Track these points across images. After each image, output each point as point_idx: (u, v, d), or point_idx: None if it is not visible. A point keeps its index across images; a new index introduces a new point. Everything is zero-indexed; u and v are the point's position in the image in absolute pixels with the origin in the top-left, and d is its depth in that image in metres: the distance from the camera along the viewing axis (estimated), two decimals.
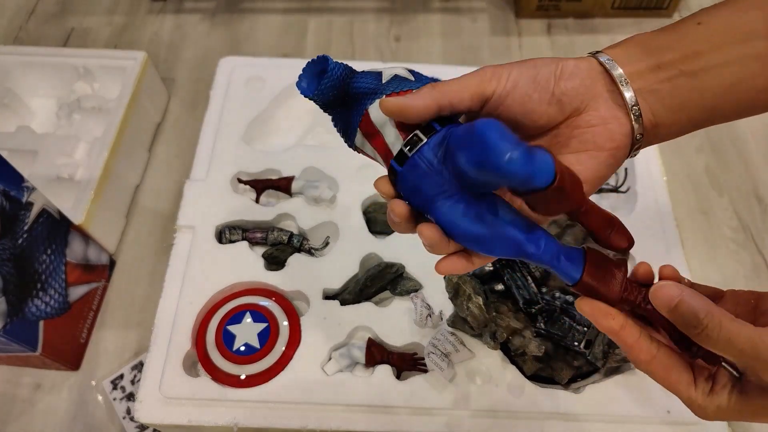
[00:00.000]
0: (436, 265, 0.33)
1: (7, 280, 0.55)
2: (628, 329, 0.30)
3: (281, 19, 1.02)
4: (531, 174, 0.24)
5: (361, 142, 0.33)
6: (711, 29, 0.31)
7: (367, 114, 0.32)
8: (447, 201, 0.30)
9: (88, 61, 0.81)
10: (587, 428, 0.54)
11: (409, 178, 0.31)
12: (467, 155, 0.26)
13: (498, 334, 0.54)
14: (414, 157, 0.30)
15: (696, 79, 0.31)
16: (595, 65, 0.32)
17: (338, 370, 0.58)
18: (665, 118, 0.32)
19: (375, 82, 0.32)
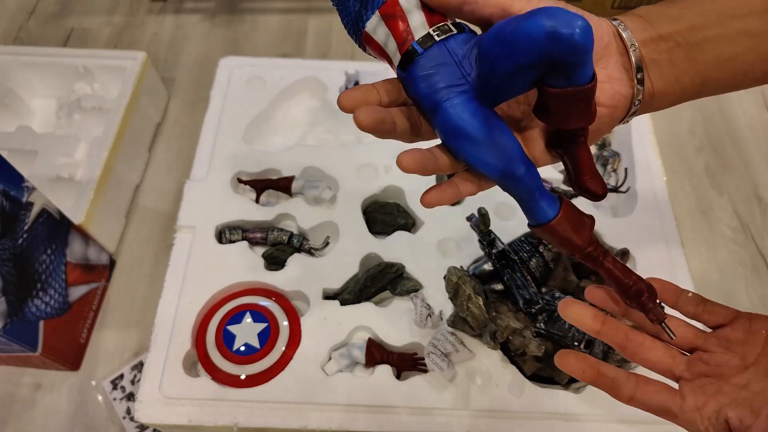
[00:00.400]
0: (422, 196, 0.32)
1: (7, 280, 0.55)
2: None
3: (281, 19, 1.02)
4: (585, 45, 0.25)
5: (376, 25, 0.32)
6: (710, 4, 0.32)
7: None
8: (460, 96, 0.30)
9: (88, 61, 0.81)
10: (587, 428, 0.54)
11: (427, 64, 0.30)
12: (528, 24, 0.26)
13: (498, 334, 0.54)
14: (441, 43, 0.30)
15: (692, 51, 0.32)
16: (612, 28, 0.32)
17: (338, 370, 0.58)
18: (661, 87, 0.33)
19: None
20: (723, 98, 0.92)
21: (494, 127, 0.30)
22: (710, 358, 0.32)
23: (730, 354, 0.32)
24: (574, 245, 0.31)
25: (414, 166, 0.30)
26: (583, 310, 0.35)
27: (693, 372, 0.32)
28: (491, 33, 0.28)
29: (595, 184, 0.32)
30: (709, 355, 0.32)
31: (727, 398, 0.30)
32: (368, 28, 0.32)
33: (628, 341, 0.34)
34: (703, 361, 0.32)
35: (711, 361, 0.32)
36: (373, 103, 0.32)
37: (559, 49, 0.25)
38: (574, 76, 0.27)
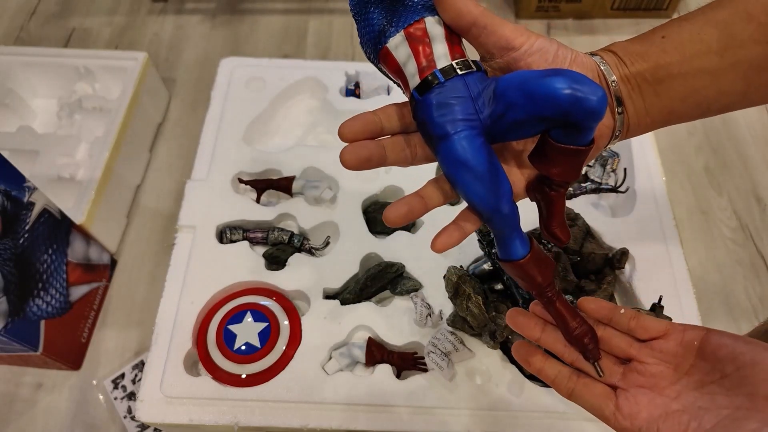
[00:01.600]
0: (432, 243, 0.34)
1: (9, 280, 0.55)
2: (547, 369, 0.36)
3: (281, 19, 1.03)
4: (601, 113, 0.28)
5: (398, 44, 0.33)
6: (673, 43, 0.34)
7: (423, 21, 0.32)
8: (470, 130, 0.31)
9: (89, 62, 0.81)
10: (587, 427, 0.55)
11: (445, 94, 0.31)
12: (552, 83, 0.28)
13: (497, 333, 0.54)
14: (462, 76, 0.31)
15: (659, 86, 0.34)
16: (595, 65, 0.35)
17: (338, 370, 0.58)
18: (634, 118, 0.35)
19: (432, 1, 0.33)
20: None
21: (494, 165, 0.32)
22: (645, 368, 0.33)
23: (664, 365, 0.33)
24: (536, 283, 0.35)
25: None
26: (527, 319, 0.37)
27: (628, 382, 0.33)
28: (514, 80, 0.30)
29: (562, 233, 0.35)
30: (644, 366, 0.33)
31: (659, 410, 0.31)
32: (390, 44, 0.33)
33: (565, 349, 0.36)
34: (638, 372, 0.33)
35: (645, 371, 0.33)
36: (374, 132, 0.34)
37: (578, 112, 0.28)
38: (580, 137, 0.30)
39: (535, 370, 0.36)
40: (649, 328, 0.34)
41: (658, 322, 0.34)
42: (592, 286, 0.59)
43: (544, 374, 0.36)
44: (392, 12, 0.33)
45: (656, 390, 0.32)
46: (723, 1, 0.35)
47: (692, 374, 0.32)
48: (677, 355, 0.32)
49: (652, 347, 0.34)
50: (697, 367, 0.32)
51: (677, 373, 0.32)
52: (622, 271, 0.63)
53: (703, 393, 0.31)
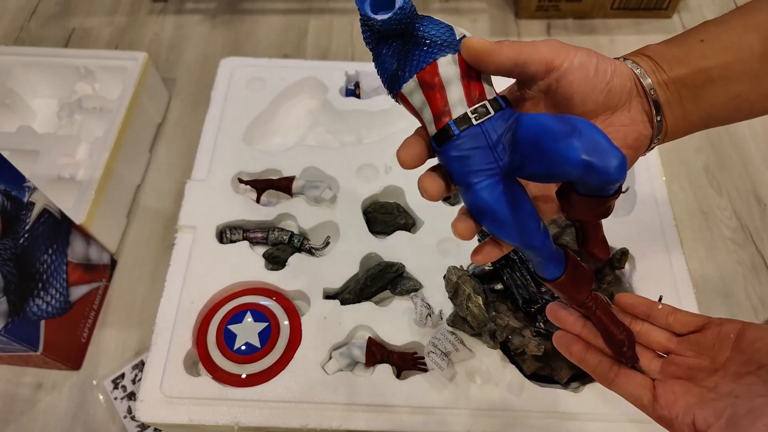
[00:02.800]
0: (472, 255, 0.35)
1: (9, 280, 0.55)
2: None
3: (281, 19, 1.03)
4: (619, 181, 0.28)
5: (412, 89, 0.31)
6: (713, 48, 0.34)
7: (435, 64, 0.30)
8: (489, 179, 0.30)
9: (89, 62, 0.81)
10: (587, 427, 0.55)
11: (461, 146, 0.30)
12: (567, 148, 0.27)
13: (497, 333, 0.54)
14: (478, 126, 0.30)
15: (699, 91, 0.34)
16: (630, 71, 0.34)
17: (338, 370, 0.58)
18: (672, 125, 0.35)
19: (448, 35, 0.30)
20: None
21: (517, 208, 0.31)
22: (682, 361, 0.34)
23: (701, 357, 0.34)
24: (575, 299, 0.35)
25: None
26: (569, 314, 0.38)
27: (666, 374, 0.35)
28: (530, 132, 0.29)
29: (600, 251, 0.35)
30: (682, 359, 0.34)
31: (695, 399, 0.32)
32: (404, 90, 0.31)
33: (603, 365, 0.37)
34: (675, 364, 0.34)
35: (683, 363, 0.34)
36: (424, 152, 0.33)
37: (594, 178, 0.28)
38: (602, 192, 0.29)
39: (576, 360, 0.37)
40: (687, 323, 0.35)
41: (696, 316, 0.35)
42: None
43: (585, 364, 0.36)
44: (404, 53, 0.31)
45: (693, 381, 0.33)
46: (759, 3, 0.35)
47: (729, 366, 0.32)
48: (714, 348, 0.33)
49: (689, 340, 0.34)
50: (733, 360, 0.32)
51: (714, 365, 0.33)
52: (622, 271, 0.63)
53: (739, 383, 0.31)
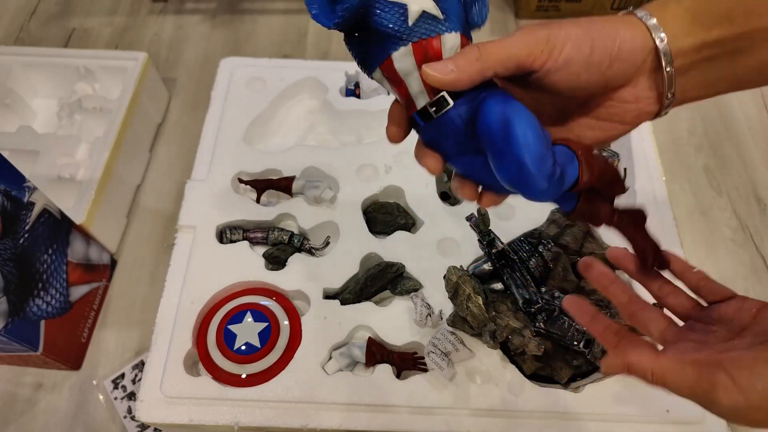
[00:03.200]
0: (478, 201, 0.34)
1: (9, 280, 0.55)
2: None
3: (281, 19, 1.03)
4: (556, 202, 0.30)
5: (380, 78, 0.32)
6: (764, 3, 0.29)
7: (390, 60, 0.29)
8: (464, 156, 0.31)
9: (89, 62, 0.81)
10: (587, 427, 0.55)
11: (429, 133, 0.31)
12: (497, 169, 0.29)
13: (497, 333, 0.54)
14: (438, 118, 0.30)
15: (738, 56, 0.30)
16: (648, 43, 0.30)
17: (338, 370, 0.58)
18: (690, 94, 0.32)
19: (400, 23, 0.29)
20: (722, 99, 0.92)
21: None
22: (699, 327, 0.33)
23: (718, 326, 0.33)
24: (597, 221, 0.35)
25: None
26: (601, 267, 0.38)
27: (679, 337, 0.34)
28: (480, 131, 0.29)
29: (659, 263, 0.36)
30: (700, 325, 0.34)
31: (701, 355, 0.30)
32: (375, 78, 0.32)
33: (630, 302, 0.36)
34: (691, 329, 0.34)
35: (699, 329, 0.33)
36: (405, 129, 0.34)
37: (521, 193, 0.29)
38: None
39: (584, 323, 0.37)
40: (714, 291, 0.34)
41: (724, 288, 0.35)
42: (592, 286, 0.59)
43: (592, 328, 0.36)
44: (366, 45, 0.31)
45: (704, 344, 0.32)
46: None
47: (744, 336, 0.31)
48: (733, 319, 0.32)
49: (711, 309, 0.34)
50: (750, 331, 0.31)
51: (729, 334, 0.32)
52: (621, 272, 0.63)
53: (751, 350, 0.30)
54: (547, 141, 0.29)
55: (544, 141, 0.28)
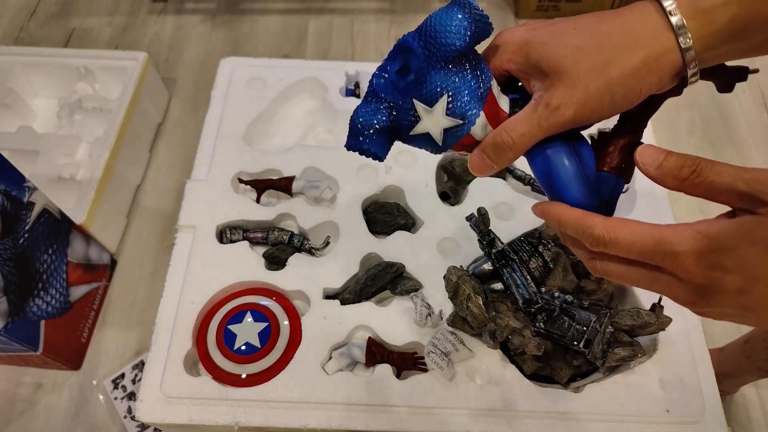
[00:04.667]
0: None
1: (9, 280, 0.55)
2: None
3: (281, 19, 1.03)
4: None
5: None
6: None
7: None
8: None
9: (89, 62, 0.81)
10: (587, 427, 0.55)
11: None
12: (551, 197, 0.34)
13: (497, 333, 0.54)
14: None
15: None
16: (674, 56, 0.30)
17: (338, 370, 0.58)
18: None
19: (432, 144, 0.34)
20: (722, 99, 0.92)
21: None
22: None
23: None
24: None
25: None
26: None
27: None
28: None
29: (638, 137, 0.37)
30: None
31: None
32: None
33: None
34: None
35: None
36: None
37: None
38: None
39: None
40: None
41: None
42: (592, 286, 0.59)
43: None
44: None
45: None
46: None
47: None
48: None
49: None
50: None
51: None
52: None
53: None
54: (587, 183, 0.33)
55: (584, 187, 0.33)
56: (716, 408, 0.55)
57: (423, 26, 0.32)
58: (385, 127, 0.34)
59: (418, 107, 0.33)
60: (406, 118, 0.33)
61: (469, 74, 0.32)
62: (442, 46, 0.31)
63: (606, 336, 0.55)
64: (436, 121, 0.33)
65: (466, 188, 0.70)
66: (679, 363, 0.58)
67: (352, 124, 0.35)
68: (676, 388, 0.56)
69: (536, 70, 0.33)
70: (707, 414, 0.55)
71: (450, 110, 0.32)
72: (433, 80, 0.32)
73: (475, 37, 0.32)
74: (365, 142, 0.34)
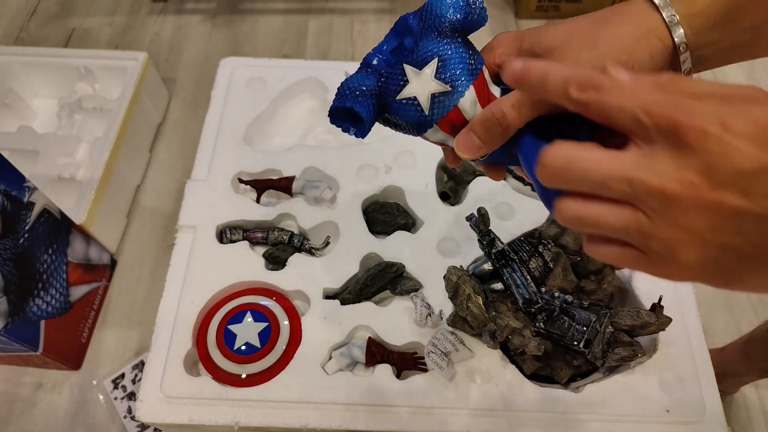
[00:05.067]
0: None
1: (9, 280, 0.55)
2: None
3: (281, 19, 1.03)
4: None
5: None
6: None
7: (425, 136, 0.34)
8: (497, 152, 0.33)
9: (89, 62, 0.81)
10: (587, 427, 0.55)
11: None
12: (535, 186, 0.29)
13: (497, 333, 0.54)
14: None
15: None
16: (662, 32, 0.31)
17: (338, 370, 0.58)
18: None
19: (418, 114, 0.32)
20: None
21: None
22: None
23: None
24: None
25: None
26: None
27: None
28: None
29: None
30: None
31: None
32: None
33: None
34: None
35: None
36: None
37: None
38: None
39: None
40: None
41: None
42: (592, 286, 0.59)
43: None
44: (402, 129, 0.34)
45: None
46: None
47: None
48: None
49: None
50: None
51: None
52: (621, 272, 0.63)
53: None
54: None
55: None
56: (716, 408, 0.55)
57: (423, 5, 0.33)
58: (373, 91, 0.33)
59: (407, 70, 0.32)
60: (395, 82, 0.32)
61: (462, 47, 0.32)
62: (436, 17, 0.32)
63: (606, 336, 0.55)
64: (424, 84, 0.32)
65: (466, 188, 0.70)
66: (679, 363, 0.58)
67: (339, 87, 0.33)
68: (676, 388, 0.56)
69: (530, 55, 0.33)
70: (707, 414, 0.55)
71: (439, 73, 0.31)
72: (425, 44, 0.32)
73: (469, 16, 0.32)
74: (350, 100, 0.32)
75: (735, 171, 0.21)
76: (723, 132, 0.21)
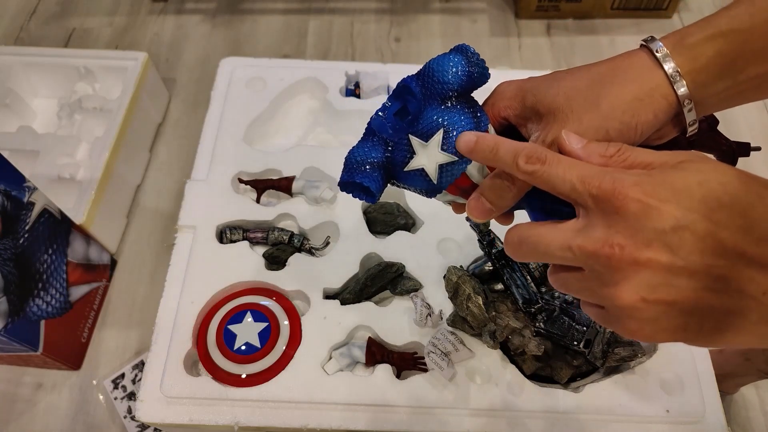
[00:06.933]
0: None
1: (9, 280, 0.55)
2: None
3: (282, 19, 1.03)
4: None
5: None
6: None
7: (436, 198, 0.35)
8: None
9: (89, 62, 0.81)
10: (587, 427, 0.55)
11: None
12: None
13: (497, 333, 0.54)
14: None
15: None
16: (670, 98, 0.31)
17: (338, 370, 0.58)
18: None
19: (427, 183, 0.33)
20: None
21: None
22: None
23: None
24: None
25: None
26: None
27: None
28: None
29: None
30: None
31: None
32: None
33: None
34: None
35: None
36: None
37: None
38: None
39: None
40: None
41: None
42: None
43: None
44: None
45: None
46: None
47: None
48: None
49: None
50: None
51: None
52: None
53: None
54: None
55: None
56: (716, 408, 0.55)
57: (423, 69, 0.33)
58: (380, 162, 0.33)
59: (413, 142, 0.32)
60: (401, 154, 0.33)
61: (466, 112, 0.32)
62: (439, 84, 0.32)
63: (606, 336, 0.55)
64: (431, 156, 0.32)
65: None
66: (679, 363, 0.58)
67: (347, 159, 0.34)
68: (676, 388, 0.56)
69: (532, 113, 0.33)
70: (707, 414, 0.55)
71: (445, 145, 0.32)
72: (430, 115, 0.32)
73: (472, 79, 0.32)
74: (358, 175, 0.33)
75: (656, 229, 0.23)
76: (644, 196, 0.23)
